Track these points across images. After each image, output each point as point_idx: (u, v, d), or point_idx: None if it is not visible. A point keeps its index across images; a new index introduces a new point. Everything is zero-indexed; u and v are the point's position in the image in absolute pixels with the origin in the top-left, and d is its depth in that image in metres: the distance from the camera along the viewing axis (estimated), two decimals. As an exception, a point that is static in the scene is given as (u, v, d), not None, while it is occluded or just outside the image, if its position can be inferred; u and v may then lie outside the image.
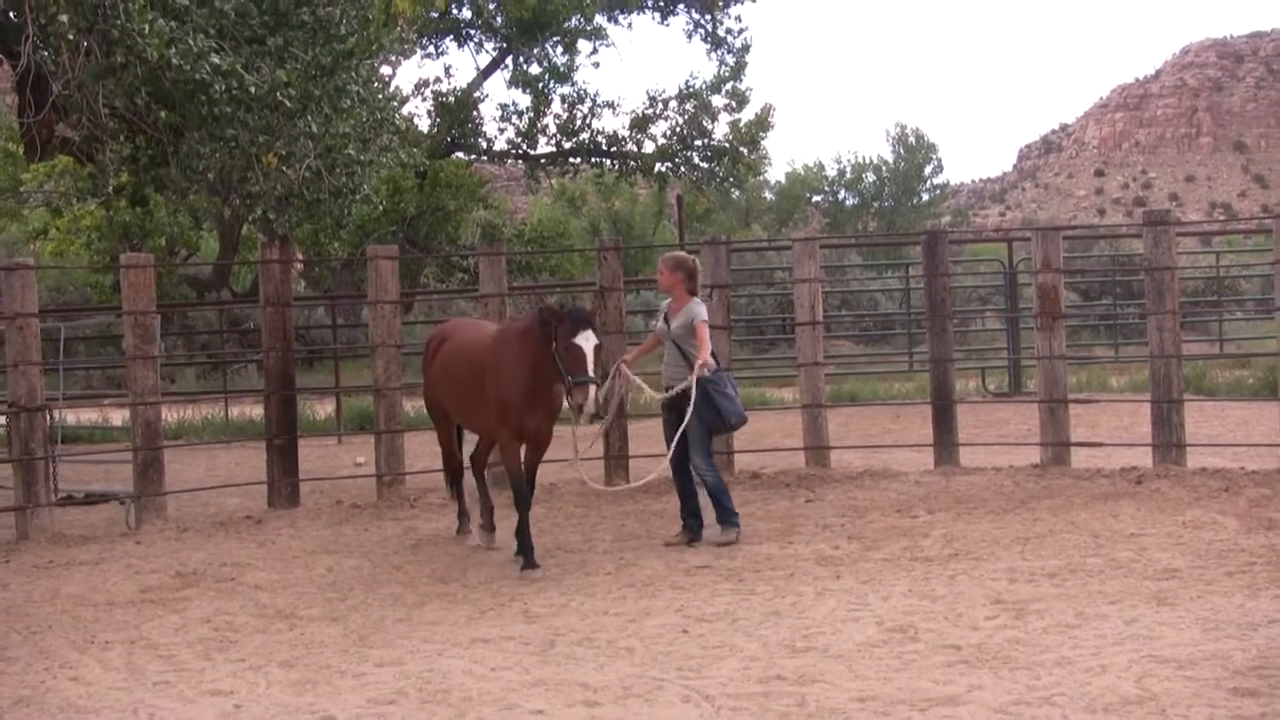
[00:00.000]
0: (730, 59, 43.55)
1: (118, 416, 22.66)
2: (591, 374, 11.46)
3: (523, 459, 12.26)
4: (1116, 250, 35.07)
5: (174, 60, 15.55)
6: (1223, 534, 12.02)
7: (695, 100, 42.96)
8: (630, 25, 46.68)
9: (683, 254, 13.79)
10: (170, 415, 23.36)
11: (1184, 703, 7.34)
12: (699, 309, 13.12)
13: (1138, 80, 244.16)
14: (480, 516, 13.42)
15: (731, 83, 43.36)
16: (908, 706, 7.53)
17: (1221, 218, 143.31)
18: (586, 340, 11.45)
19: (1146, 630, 8.88)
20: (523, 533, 12.04)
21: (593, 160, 44.66)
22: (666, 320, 13.09)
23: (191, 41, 15.66)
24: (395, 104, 30.18)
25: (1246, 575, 10.43)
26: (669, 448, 12.99)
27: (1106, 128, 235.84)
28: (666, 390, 12.92)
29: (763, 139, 44.00)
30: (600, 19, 41.57)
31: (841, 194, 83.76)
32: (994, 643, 8.75)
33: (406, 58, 35.27)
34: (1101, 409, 20.85)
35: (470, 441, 14.09)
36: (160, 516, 15.33)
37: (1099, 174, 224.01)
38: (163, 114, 16.88)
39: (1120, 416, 20.43)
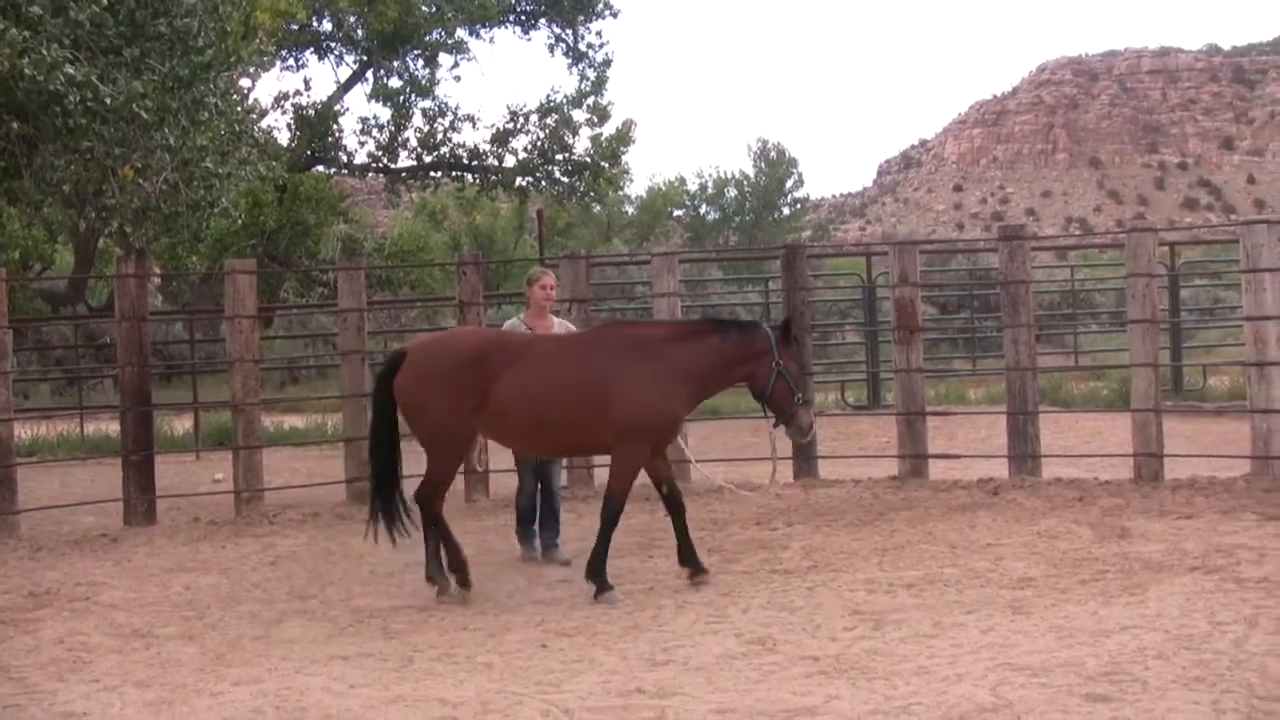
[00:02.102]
0: (591, 73, 43.45)
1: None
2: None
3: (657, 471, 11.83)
4: (974, 264, 35.42)
5: (27, 70, 15.27)
6: (1077, 543, 12.21)
7: (556, 115, 42.84)
8: (492, 39, 46.55)
9: None
10: (24, 432, 22.98)
11: (1038, 709, 7.46)
12: (570, 325, 13.43)
13: (995, 97, 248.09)
14: (450, 568, 11.49)
15: (593, 97, 43.26)
16: (767, 718, 7.58)
17: (1077, 232, 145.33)
18: None
19: (1002, 639, 9.01)
20: (600, 551, 11.39)
21: (454, 174, 44.37)
22: None
23: (45, 51, 15.38)
24: (254, 117, 29.92)
25: (1099, 583, 10.61)
26: (519, 468, 13.26)
27: (965, 143, 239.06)
28: None
29: (624, 153, 43.95)
30: (462, 32, 41.31)
31: (703, 208, 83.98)
32: (852, 653, 8.83)
33: (266, 70, 34.77)
34: (959, 421, 21.07)
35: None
36: (13, 535, 15.13)
37: (958, 189, 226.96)
38: (15, 125, 16.56)
39: (977, 428, 20.67)
